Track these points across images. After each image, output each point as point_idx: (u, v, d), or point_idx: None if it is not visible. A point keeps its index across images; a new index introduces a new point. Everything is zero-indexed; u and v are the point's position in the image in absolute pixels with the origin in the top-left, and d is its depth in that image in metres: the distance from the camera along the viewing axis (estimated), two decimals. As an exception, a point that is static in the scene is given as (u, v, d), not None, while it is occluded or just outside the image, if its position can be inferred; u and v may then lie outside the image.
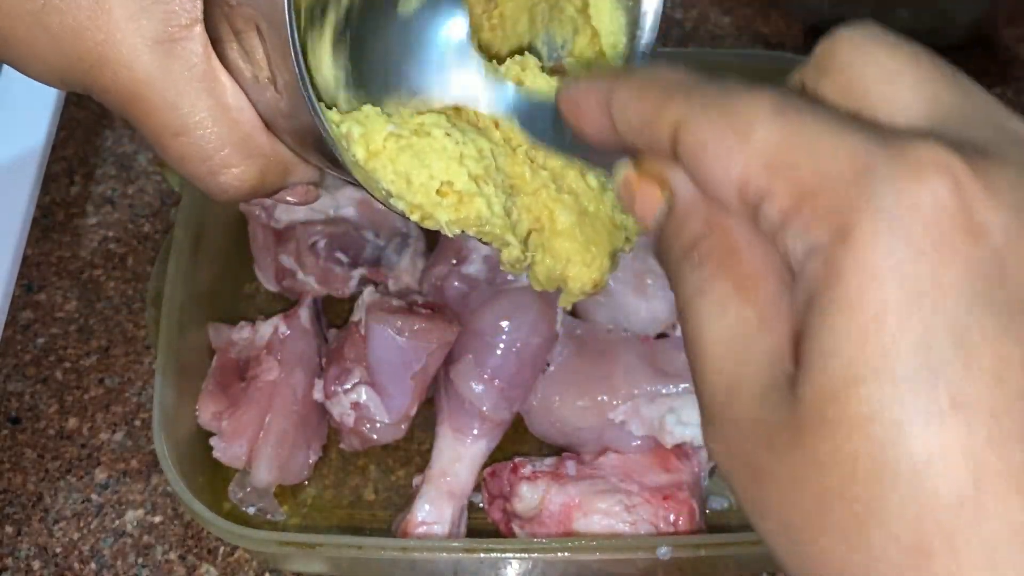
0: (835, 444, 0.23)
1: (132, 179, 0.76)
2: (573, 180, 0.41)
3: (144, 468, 0.63)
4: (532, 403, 0.61)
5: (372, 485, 0.63)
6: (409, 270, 0.66)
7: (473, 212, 0.38)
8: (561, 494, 0.56)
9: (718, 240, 0.27)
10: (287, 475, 0.61)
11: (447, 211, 0.38)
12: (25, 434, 0.64)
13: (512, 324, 0.59)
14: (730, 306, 0.26)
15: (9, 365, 0.67)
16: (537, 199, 0.41)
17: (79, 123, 0.79)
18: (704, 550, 0.53)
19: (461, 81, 0.42)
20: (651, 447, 0.58)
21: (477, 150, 0.39)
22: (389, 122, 0.37)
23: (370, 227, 0.69)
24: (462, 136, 0.38)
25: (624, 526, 0.55)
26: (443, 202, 0.38)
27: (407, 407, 0.60)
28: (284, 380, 0.60)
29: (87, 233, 0.73)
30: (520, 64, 0.43)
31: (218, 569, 0.60)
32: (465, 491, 0.60)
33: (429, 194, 0.37)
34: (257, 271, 0.70)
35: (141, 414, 0.65)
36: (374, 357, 0.59)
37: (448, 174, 0.37)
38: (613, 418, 0.58)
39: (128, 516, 0.62)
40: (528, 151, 0.40)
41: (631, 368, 0.59)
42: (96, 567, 0.60)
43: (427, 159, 0.37)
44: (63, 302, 0.70)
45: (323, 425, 0.63)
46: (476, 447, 0.60)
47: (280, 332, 0.62)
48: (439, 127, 0.38)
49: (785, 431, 0.24)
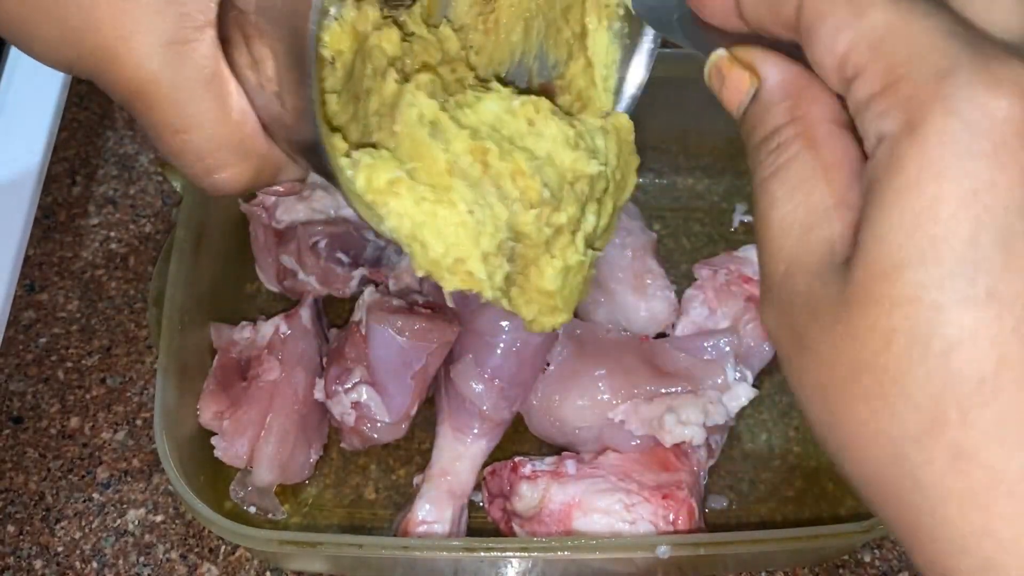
0: (876, 319, 0.25)
1: (134, 179, 0.76)
2: (566, 244, 0.43)
3: (145, 467, 0.64)
4: (532, 403, 0.61)
5: (373, 484, 0.63)
6: (409, 270, 0.66)
7: (476, 286, 0.40)
8: (561, 493, 0.56)
9: (799, 129, 0.29)
10: (288, 474, 0.61)
11: (451, 282, 0.40)
12: (27, 433, 0.65)
13: (512, 324, 0.59)
14: (801, 190, 0.28)
15: (11, 365, 0.67)
16: (533, 255, 0.42)
17: (80, 124, 0.79)
18: (703, 549, 0.53)
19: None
20: (650, 446, 0.58)
21: (494, 224, 0.40)
22: (398, 168, 0.38)
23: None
24: (481, 210, 0.39)
25: (623, 525, 0.55)
26: (450, 277, 0.40)
27: (407, 406, 0.60)
28: (285, 380, 0.60)
29: (89, 233, 0.73)
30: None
31: (219, 568, 0.60)
32: (465, 490, 0.60)
33: (439, 265, 0.39)
34: (258, 271, 0.70)
35: (142, 413, 0.65)
36: (375, 357, 0.59)
37: (462, 252, 0.39)
38: (612, 417, 0.59)
39: (130, 515, 0.62)
40: (541, 212, 0.41)
41: (630, 368, 0.59)
42: (98, 566, 0.60)
43: (445, 231, 0.39)
44: (65, 302, 0.70)
45: (324, 424, 0.63)
46: (476, 446, 0.61)
47: (281, 332, 0.62)
48: (464, 201, 0.39)
49: (832, 307, 0.26)
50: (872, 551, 0.61)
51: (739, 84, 0.31)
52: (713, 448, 0.61)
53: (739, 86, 0.31)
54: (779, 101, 0.30)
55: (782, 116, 0.30)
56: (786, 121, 0.30)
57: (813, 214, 0.28)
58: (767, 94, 0.30)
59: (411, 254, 0.39)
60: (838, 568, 0.61)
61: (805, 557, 0.60)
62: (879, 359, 0.25)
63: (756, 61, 0.31)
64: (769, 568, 0.60)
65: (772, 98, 0.30)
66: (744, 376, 0.61)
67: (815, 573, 0.60)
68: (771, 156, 0.29)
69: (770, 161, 0.29)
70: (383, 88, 0.40)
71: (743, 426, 0.65)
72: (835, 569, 0.60)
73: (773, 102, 0.30)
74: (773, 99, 0.30)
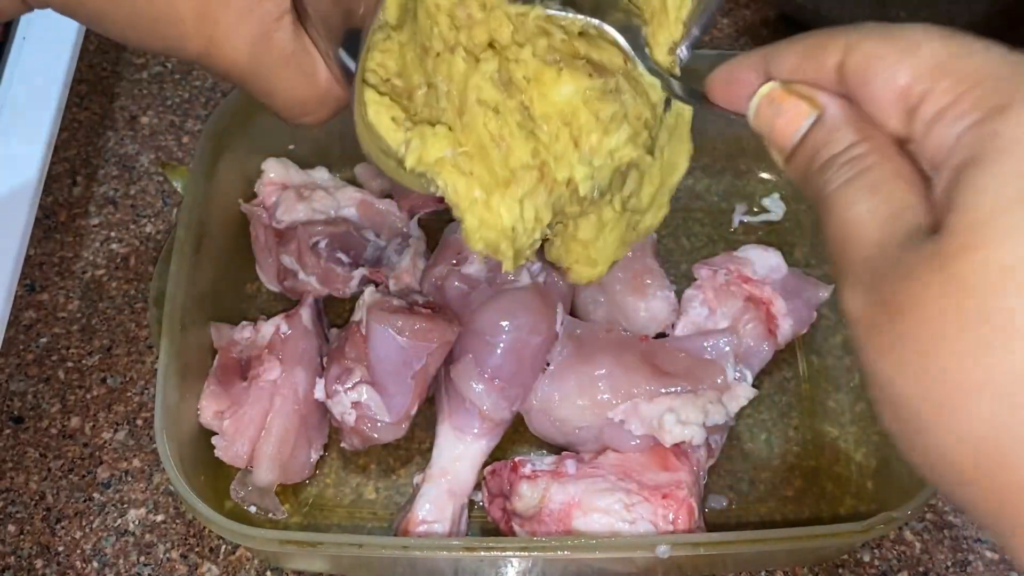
0: (983, 260, 0.26)
1: (134, 180, 0.76)
2: (603, 203, 0.47)
3: (146, 467, 0.64)
4: (532, 402, 0.61)
5: (373, 484, 0.63)
6: (410, 270, 0.66)
7: (499, 257, 0.45)
8: (561, 493, 0.56)
9: (873, 144, 0.32)
10: (288, 474, 0.61)
11: (477, 246, 0.45)
12: (27, 433, 0.65)
13: (512, 324, 0.59)
14: (881, 191, 0.30)
15: (12, 365, 0.67)
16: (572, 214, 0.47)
17: (81, 124, 0.79)
18: (703, 549, 0.53)
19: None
20: (650, 446, 0.59)
21: (537, 214, 0.44)
22: (449, 146, 0.43)
23: (371, 227, 0.69)
24: (530, 204, 0.44)
25: (623, 525, 0.55)
26: (477, 241, 0.44)
27: (408, 406, 0.60)
28: (285, 379, 0.61)
29: (89, 233, 0.73)
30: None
31: (220, 568, 0.60)
32: (465, 490, 0.60)
33: (489, 234, 0.44)
34: (259, 271, 0.70)
35: (143, 413, 0.66)
36: (375, 356, 0.59)
37: (495, 234, 0.44)
38: (612, 417, 0.59)
39: (130, 515, 0.62)
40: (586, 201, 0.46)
41: (630, 368, 0.60)
42: (98, 566, 0.60)
43: (504, 206, 0.43)
44: (65, 302, 0.70)
45: (324, 424, 0.63)
46: (476, 446, 0.61)
47: (281, 332, 0.62)
48: (514, 198, 0.43)
49: (930, 259, 0.27)
50: (871, 551, 0.61)
51: (797, 112, 0.34)
52: (713, 448, 0.61)
53: (798, 114, 0.34)
54: (846, 124, 0.33)
55: (853, 135, 0.32)
56: (858, 139, 0.32)
57: (897, 207, 0.30)
58: (832, 119, 0.33)
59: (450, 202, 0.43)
60: (837, 568, 0.61)
61: (804, 557, 0.60)
62: (993, 301, 0.26)
63: (812, 92, 0.34)
64: (769, 568, 0.61)
65: (838, 122, 0.33)
66: (744, 376, 0.62)
67: (814, 573, 0.61)
68: (844, 169, 0.32)
69: (842, 173, 0.32)
70: (452, 64, 0.43)
71: (743, 426, 0.65)
72: (834, 569, 0.61)
73: (840, 125, 0.33)
74: (839, 122, 0.33)
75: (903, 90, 0.31)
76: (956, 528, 0.62)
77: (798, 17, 0.84)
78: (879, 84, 0.31)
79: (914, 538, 0.62)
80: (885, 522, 0.52)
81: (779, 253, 0.67)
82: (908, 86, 0.30)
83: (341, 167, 0.73)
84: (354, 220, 0.69)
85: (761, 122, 0.35)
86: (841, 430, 0.65)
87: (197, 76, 0.82)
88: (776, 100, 0.35)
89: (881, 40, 0.31)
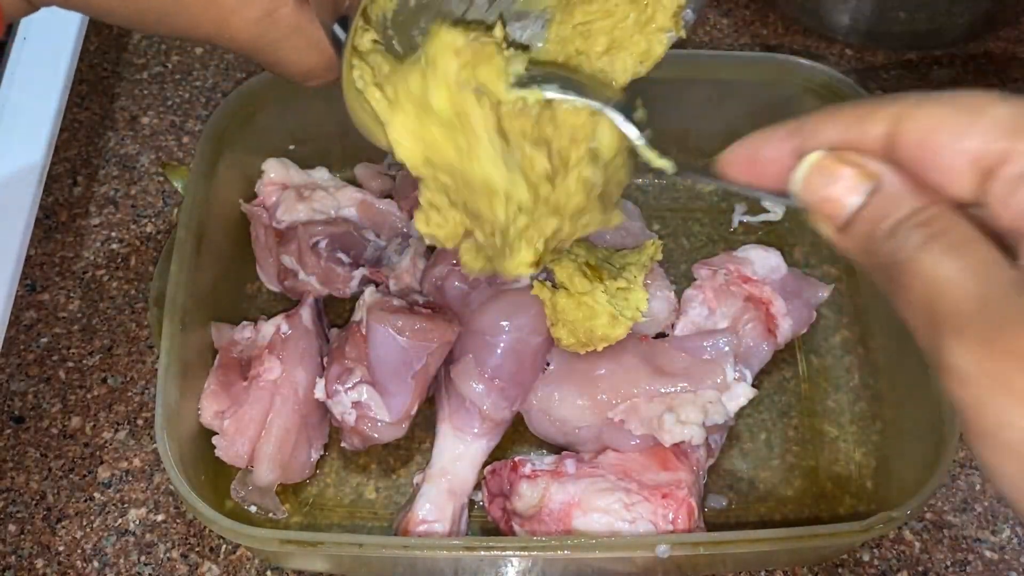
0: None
1: (134, 180, 0.76)
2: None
3: (146, 467, 0.64)
4: (532, 402, 0.61)
5: (373, 484, 0.63)
6: (410, 270, 0.66)
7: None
8: (561, 492, 0.56)
9: (944, 206, 0.31)
10: (289, 474, 0.61)
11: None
12: (28, 433, 0.65)
13: (512, 324, 0.59)
14: (967, 249, 0.30)
15: (12, 365, 0.67)
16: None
17: (81, 124, 0.79)
18: (702, 548, 0.53)
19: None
20: (650, 446, 0.59)
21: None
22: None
23: (371, 227, 0.69)
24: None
25: (623, 524, 0.55)
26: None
27: (408, 406, 0.60)
28: (286, 379, 0.61)
29: (90, 233, 0.74)
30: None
31: (220, 567, 0.60)
32: (465, 490, 0.60)
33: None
34: (259, 271, 0.70)
35: (143, 413, 0.66)
36: (375, 356, 0.60)
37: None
38: (612, 417, 0.59)
39: (131, 515, 0.62)
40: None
41: (630, 367, 0.60)
42: (99, 565, 0.60)
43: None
44: (66, 302, 0.70)
45: (324, 424, 0.63)
46: (476, 446, 0.61)
47: (282, 332, 0.62)
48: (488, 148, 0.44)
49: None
50: (871, 551, 0.61)
51: (853, 182, 0.33)
52: (712, 448, 0.61)
53: (853, 184, 0.33)
54: (907, 190, 0.32)
55: (921, 198, 0.32)
56: (929, 201, 0.31)
57: (988, 259, 0.30)
58: (892, 185, 0.32)
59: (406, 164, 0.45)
60: (837, 567, 0.61)
61: (804, 556, 0.60)
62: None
63: (866, 161, 0.33)
64: (768, 567, 0.61)
65: (899, 188, 0.32)
66: (743, 376, 0.62)
67: (814, 572, 0.61)
68: (917, 231, 0.31)
69: (916, 235, 0.31)
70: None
71: (742, 426, 0.65)
72: (834, 568, 0.61)
73: (901, 191, 0.32)
74: (900, 188, 0.32)
75: (977, 154, 0.31)
76: (955, 528, 0.62)
77: (799, 18, 0.84)
78: (947, 150, 0.31)
79: (913, 538, 0.62)
80: (885, 522, 0.52)
81: (779, 253, 0.67)
82: (982, 149, 0.30)
83: (341, 167, 0.73)
84: (354, 220, 0.69)
85: (809, 194, 0.34)
86: (840, 430, 0.65)
87: (197, 76, 0.82)
88: (827, 170, 0.33)
89: (940, 106, 0.31)
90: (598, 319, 0.57)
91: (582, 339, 0.58)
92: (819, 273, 0.71)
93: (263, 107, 0.69)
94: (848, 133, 0.33)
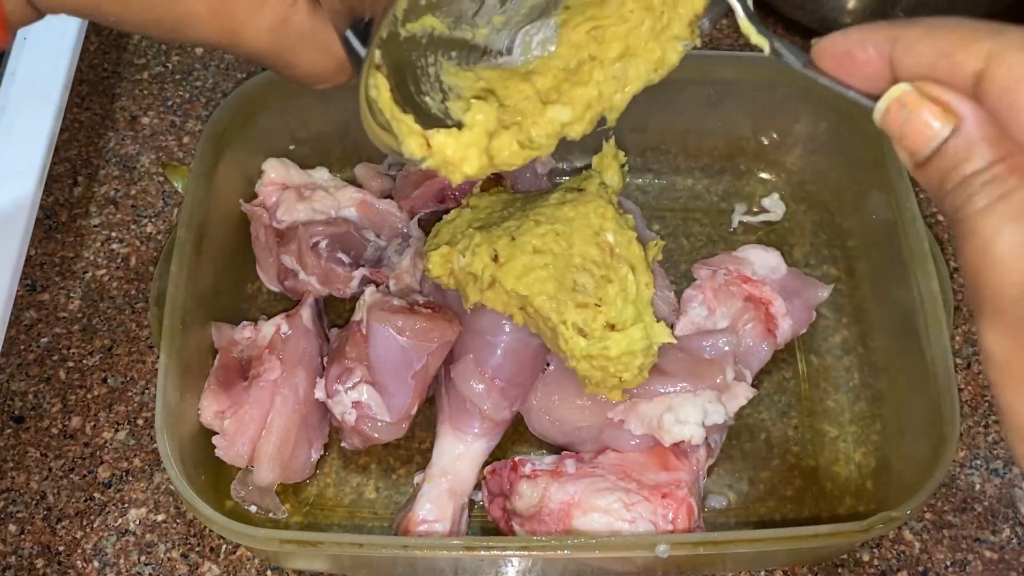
0: None
1: (135, 180, 0.76)
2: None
3: (147, 467, 0.64)
4: (532, 402, 0.61)
5: (373, 483, 0.63)
6: (410, 270, 0.66)
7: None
8: (561, 492, 0.56)
9: (1017, 162, 0.30)
10: (289, 473, 0.61)
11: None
12: (28, 433, 0.65)
13: (512, 324, 0.59)
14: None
15: (13, 364, 0.67)
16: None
17: (82, 124, 0.79)
18: (702, 548, 0.53)
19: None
20: (650, 446, 0.59)
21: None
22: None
23: (371, 228, 0.70)
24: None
25: (623, 524, 0.55)
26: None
27: (408, 406, 0.60)
28: (286, 379, 0.61)
29: (90, 233, 0.74)
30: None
31: (220, 567, 0.60)
32: (466, 489, 0.60)
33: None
34: (259, 271, 0.70)
35: (144, 413, 0.66)
36: (375, 356, 0.60)
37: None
38: (612, 417, 0.59)
39: (131, 514, 0.62)
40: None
41: (630, 367, 0.60)
42: (99, 565, 0.60)
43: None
44: (66, 302, 0.70)
45: (325, 424, 0.63)
46: (476, 446, 0.61)
47: (282, 331, 0.62)
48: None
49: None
50: (871, 550, 0.61)
51: (932, 120, 0.32)
52: (712, 447, 0.61)
53: (931, 123, 0.32)
54: (986, 140, 0.31)
55: (994, 152, 0.31)
56: (1000, 157, 0.30)
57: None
58: (971, 132, 0.31)
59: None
60: (837, 567, 0.61)
61: (804, 556, 0.60)
62: None
63: (951, 99, 0.31)
64: (768, 567, 0.61)
65: (977, 136, 0.31)
66: (743, 376, 0.62)
67: (814, 572, 0.61)
68: (986, 189, 0.30)
69: (985, 194, 0.30)
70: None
71: (742, 426, 0.65)
72: (834, 568, 0.61)
73: (980, 138, 0.31)
74: (979, 135, 0.31)
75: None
76: (955, 528, 0.62)
77: (799, 18, 0.84)
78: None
79: (913, 538, 0.62)
80: (884, 522, 0.52)
81: (778, 253, 0.67)
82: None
83: (341, 167, 0.73)
84: (354, 220, 0.69)
85: (890, 125, 0.33)
86: (840, 430, 0.65)
87: (198, 76, 0.82)
88: (908, 106, 0.32)
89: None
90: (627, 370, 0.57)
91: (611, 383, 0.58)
92: (819, 273, 0.71)
93: (263, 107, 0.69)
94: (942, 60, 0.31)
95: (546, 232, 0.57)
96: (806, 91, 0.69)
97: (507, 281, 0.55)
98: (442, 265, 0.54)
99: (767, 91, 0.70)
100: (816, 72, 0.36)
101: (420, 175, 0.70)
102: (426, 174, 0.70)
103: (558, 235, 0.57)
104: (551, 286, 0.55)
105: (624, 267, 0.57)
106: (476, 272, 0.57)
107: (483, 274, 0.56)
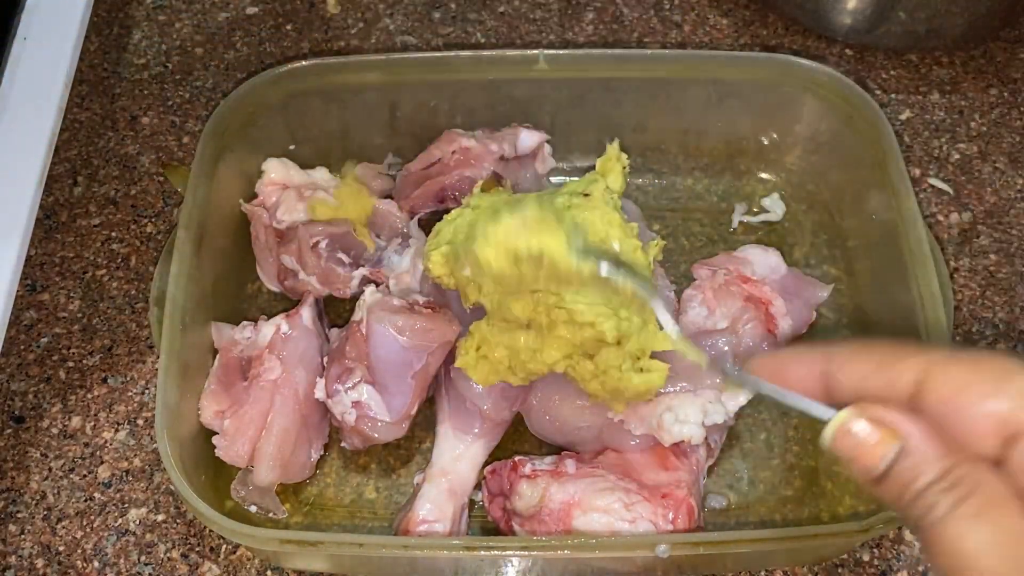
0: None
1: (135, 180, 0.76)
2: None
3: (147, 467, 0.64)
4: (532, 402, 0.61)
5: (373, 483, 0.63)
6: (410, 270, 0.66)
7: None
8: (561, 492, 0.56)
9: (971, 467, 0.32)
10: (289, 473, 0.61)
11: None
12: (28, 433, 0.65)
13: (512, 324, 0.59)
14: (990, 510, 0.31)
15: (13, 364, 0.67)
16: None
17: (82, 124, 0.79)
18: (702, 548, 0.53)
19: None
20: (650, 446, 0.59)
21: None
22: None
23: (371, 228, 0.69)
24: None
25: (623, 524, 0.55)
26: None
27: (408, 406, 0.60)
28: (286, 379, 0.61)
29: (90, 233, 0.74)
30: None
31: (220, 567, 0.60)
32: (466, 489, 0.60)
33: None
34: (259, 271, 0.70)
35: (144, 413, 0.66)
36: (375, 356, 0.60)
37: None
38: (612, 417, 0.59)
39: (131, 515, 0.62)
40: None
41: (630, 367, 0.60)
42: (99, 565, 0.60)
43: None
44: (66, 302, 0.70)
45: (325, 424, 0.63)
46: (476, 446, 0.61)
47: (282, 331, 0.62)
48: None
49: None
50: (871, 550, 0.61)
51: (881, 443, 0.34)
52: (712, 447, 0.61)
53: (884, 445, 0.34)
54: (933, 452, 0.33)
55: (943, 460, 0.32)
56: (950, 463, 0.32)
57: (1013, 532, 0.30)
58: (917, 448, 0.33)
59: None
60: (837, 567, 0.61)
61: (804, 556, 0.60)
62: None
63: (894, 419, 0.34)
64: (768, 567, 0.61)
65: (924, 451, 0.33)
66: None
67: (814, 572, 0.61)
68: (942, 497, 0.32)
69: (942, 502, 0.31)
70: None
71: (742, 425, 0.65)
72: (834, 568, 0.61)
73: (927, 451, 0.33)
74: (926, 449, 0.33)
75: (1002, 419, 0.31)
76: (955, 528, 0.62)
77: (799, 18, 0.84)
78: (973, 413, 0.32)
79: (913, 538, 0.62)
80: (885, 522, 0.52)
81: (778, 253, 0.67)
82: (1007, 416, 0.31)
83: (341, 167, 0.73)
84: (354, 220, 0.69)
85: (840, 450, 0.35)
86: (840, 430, 0.65)
87: (197, 76, 0.82)
88: (854, 432, 0.34)
89: (968, 367, 0.32)
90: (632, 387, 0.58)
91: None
92: (819, 273, 0.71)
93: (263, 107, 0.69)
94: (876, 376, 0.34)
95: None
96: (806, 91, 0.69)
97: (514, 307, 0.55)
98: (442, 265, 0.54)
99: (767, 91, 0.70)
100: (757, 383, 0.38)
101: (420, 175, 0.70)
102: (426, 174, 0.70)
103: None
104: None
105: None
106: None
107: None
